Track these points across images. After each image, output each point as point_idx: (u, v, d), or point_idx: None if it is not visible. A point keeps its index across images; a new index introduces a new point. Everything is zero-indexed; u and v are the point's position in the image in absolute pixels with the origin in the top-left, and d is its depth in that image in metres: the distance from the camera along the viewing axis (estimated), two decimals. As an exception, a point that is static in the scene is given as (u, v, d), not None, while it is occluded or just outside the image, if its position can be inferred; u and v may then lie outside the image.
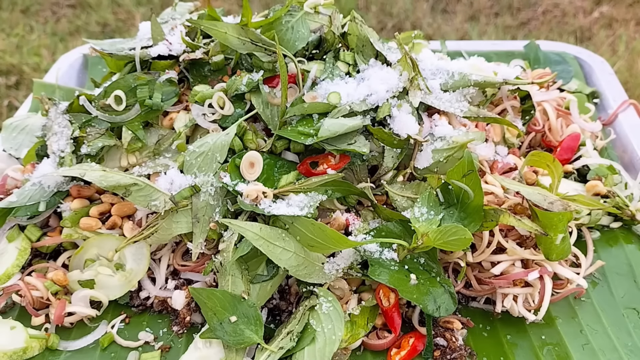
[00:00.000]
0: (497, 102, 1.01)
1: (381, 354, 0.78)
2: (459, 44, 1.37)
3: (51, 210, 0.88)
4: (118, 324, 0.82)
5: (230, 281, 0.76)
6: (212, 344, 0.75)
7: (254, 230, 0.73)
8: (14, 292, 0.83)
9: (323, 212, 0.83)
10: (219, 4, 2.51)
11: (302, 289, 0.79)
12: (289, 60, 0.86)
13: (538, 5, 2.55)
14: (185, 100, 0.92)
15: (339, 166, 0.81)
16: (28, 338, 0.78)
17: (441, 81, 0.90)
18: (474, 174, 0.73)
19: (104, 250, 0.85)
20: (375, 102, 0.84)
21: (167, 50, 0.94)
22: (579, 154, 1.03)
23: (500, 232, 0.82)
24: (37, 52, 2.22)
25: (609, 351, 0.78)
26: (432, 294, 0.74)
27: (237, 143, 0.83)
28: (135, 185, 0.80)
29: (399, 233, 0.78)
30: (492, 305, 0.83)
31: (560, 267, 0.82)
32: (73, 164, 0.87)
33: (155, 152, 0.90)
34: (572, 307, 0.84)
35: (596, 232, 0.95)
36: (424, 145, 0.84)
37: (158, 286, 0.85)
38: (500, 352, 0.78)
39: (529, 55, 1.33)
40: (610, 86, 1.24)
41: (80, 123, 0.90)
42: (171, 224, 0.80)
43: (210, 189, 0.80)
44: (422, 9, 2.51)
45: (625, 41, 2.29)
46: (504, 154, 0.95)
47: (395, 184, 0.84)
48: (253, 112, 0.86)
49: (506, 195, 0.84)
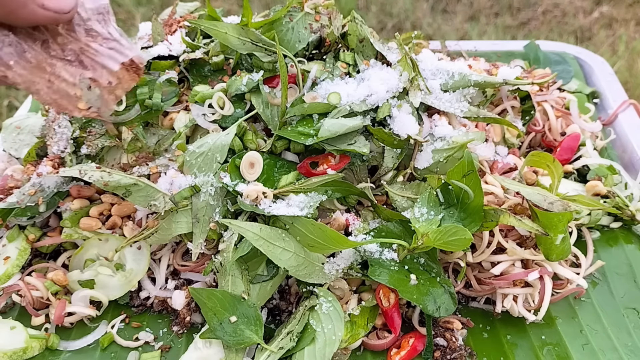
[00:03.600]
0: (497, 102, 1.01)
1: (381, 354, 0.78)
2: (459, 44, 1.37)
3: (51, 211, 0.89)
4: (118, 324, 0.83)
5: (230, 281, 0.76)
6: (212, 344, 0.76)
7: (254, 230, 0.73)
8: (14, 292, 0.83)
9: (323, 212, 0.83)
10: (219, 4, 2.51)
11: (302, 289, 0.79)
12: (289, 61, 0.86)
13: (538, 5, 2.55)
14: (185, 100, 0.92)
15: (339, 166, 0.81)
16: (28, 338, 0.78)
17: (441, 81, 0.90)
18: (474, 174, 0.73)
19: (104, 250, 0.85)
20: (375, 102, 0.84)
21: (167, 50, 0.94)
22: (579, 154, 1.03)
23: (500, 232, 0.82)
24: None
25: (609, 351, 0.78)
26: (432, 294, 0.74)
27: (237, 143, 0.83)
28: (136, 185, 0.80)
29: (399, 233, 0.78)
30: (492, 305, 0.83)
31: (560, 267, 0.82)
32: (73, 164, 0.87)
33: (155, 152, 0.90)
34: (572, 307, 0.84)
35: (596, 232, 0.95)
36: (424, 145, 0.84)
37: (158, 286, 0.85)
38: (500, 352, 0.78)
39: (529, 55, 1.33)
40: (610, 86, 1.24)
41: (80, 123, 0.90)
42: (171, 224, 0.80)
43: (210, 189, 0.80)
44: (422, 9, 2.51)
45: (625, 41, 2.29)
46: (504, 154, 0.95)
47: (395, 184, 0.84)
48: (253, 112, 0.86)
49: (506, 195, 0.84)
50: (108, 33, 0.51)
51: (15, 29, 0.48)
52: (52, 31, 0.49)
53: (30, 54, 0.48)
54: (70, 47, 0.49)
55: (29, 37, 0.48)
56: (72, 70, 0.49)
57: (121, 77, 0.52)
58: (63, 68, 0.49)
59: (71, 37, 0.49)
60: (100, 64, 0.50)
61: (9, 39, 0.47)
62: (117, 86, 0.52)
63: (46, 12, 0.46)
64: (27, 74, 0.48)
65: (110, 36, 0.51)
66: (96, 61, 0.50)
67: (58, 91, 0.49)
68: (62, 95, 0.50)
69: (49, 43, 0.49)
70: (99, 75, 0.50)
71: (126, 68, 0.52)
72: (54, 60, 0.49)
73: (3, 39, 0.47)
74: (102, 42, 0.51)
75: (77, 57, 0.49)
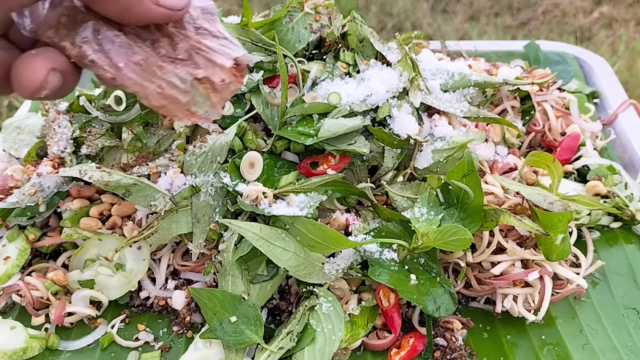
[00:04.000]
0: (497, 102, 1.01)
1: (381, 354, 0.78)
2: (459, 44, 1.37)
3: (51, 211, 0.89)
4: (118, 324, 0.83)
5: (230, 281, 0.76)
6: (212, 344, 0.75)
7: (254, 230, 0.73)
8: (14, 292, 0.83)
9: (323, 212, 0.83)
10: (219, 4, 2.51)
11: (302, 289, 0.79)
12: (289, 61, 0.86)
13: (538, 5, 2.55)
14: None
15: (339, 166, 0.81)
16: (28, 338, 0.78)
17: (441, 81, 0.90)
18: (474, 174, 0.73)
19: (104, 250, 0.85)
20: (375, 102, 0.84)
21: (167, 50, 0.94)
22: (579, 154, 1.03)
23: (500, 232, 0.82)
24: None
25: (609, 351, 0.78)
26: (432, 294, 0.74)
27: (237, 143, 0.83)
28: (136, 185, 0.80)
29: (399, 233, 0.78)
30: (492, 305, 0.83)
31: (560, 267, 0.82)
32: (73, 165, 0.87)
33: (155, 152, 0.90)
34: (572, 307, 0.84)
35: (596, 232, 0.95)
36: (424, 145, 0.84)
37: (158, 286, 0.85)
38: (500, 352, 0.78)
39: (529, 55, 1.33)
40: (610, 86, 1.24)
41: (80, 123, 0.90)
42: (171, 224, 0.80)
43: (210, 189, 0.80)
44: (422, 9, 2.51)
45: (625, 41, 2.29)
46: (504, 154, 0.95)
47: (395, 184, 0.84)
48: (253, 112, 0.86)
49: (506, 195, 0.84)
50: (217, 31, 0.49)
51: (125, 29, 0.46)
52: (161, 30, 0.47)
53: (141, 55, 0.46)
54: (181, 46, 0.47)
55: (138, 38, 0.46)
56: (182, 76, 0.47)
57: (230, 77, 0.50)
58: (173, 73, 0.47)
59: (182, 35, 0.47)
60: (213, 61, 0.48)
61: (119, 40, 0.45)
62: (225, 88, 0.50)
63: (160, 9, 0.44)
64: (136, 77, 0.46)
65: (219, 34, 0.49)
66: (209, 59, 0.48)
67: (168, 97, 0.47)
68: (171, 101, 0.47)
69: (158, 42, 0.47)
70: (212, 73, 0.48)
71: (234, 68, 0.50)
72: (165, 63, 0.47)
73: (114, 40, 0.45)
74: (212, 40, 0.49)
75: (190, 55, 0.48)
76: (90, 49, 0.45)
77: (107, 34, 0.45)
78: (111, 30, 0.45)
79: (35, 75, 0.43)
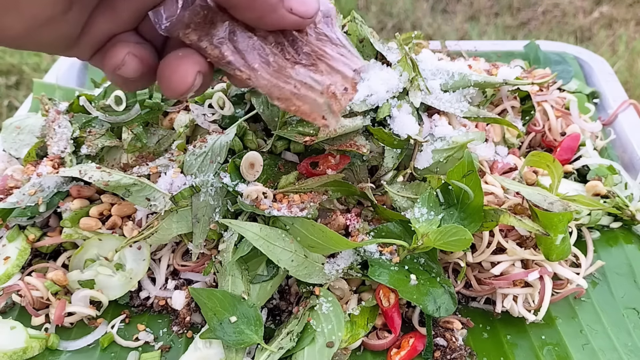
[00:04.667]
0: (497, 102, 1.01)
1: (381, 354, 0.78)
2: (459, 44, 1.37)
3: (51, 211, 0.89)
4: (118, 324, 0.83)
5: (230, 281, 0.76)
6: (212, 344, 0.76)
7: (254, 230, 0.73)
8: (14, 292, 0.83)
9: (323, 213, 0.83)
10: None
11: (302, 289, 0.79)
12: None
13: (538, 5, 2.55)
14: (185, 100, 0.92)
15: (339, 166, 0.81)
16: (28, 338, 0.78)
17: (441, 81, 0.90)
18: (474, 174, 0.73)
19: (104, 250, 0.85)
20: (375, 102, 0.84)
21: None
22: (579, 154, 1.03)
23: (500, 232, 0.82)
24: (37, 52, 2.22)
25: (609, 351, 0.78)
26: (432, 295, 0.74)
27: (237, 143, 0.83)
28: (136, 185, 0.80)
29: (399, 233, 0.78)
30: (492, 305, 0.83)
31: (560, 267, 0.82)
32: (73, 164, 0.87)
33: (155, 152, 0.90)
34: (572, 307, 0.84)
35: (596, 232, 0.95)
36: (424, 145, 0.84)
37: (158, 286, 0.85)
38: (500, 352, 0.78)
39: (529, 55, 1.33)
40: (610, 86, 1.24)
41: (80, 123, 0.90)
42: (171, 224, 0.80)
43: (210, 189, 0.80)
44: (422, 9, 2.51)
45: (625, 41, 2.29)
46: (504, 154, 0.95)
47: (395, 185, 0.84)
48: (253, 112, 0.86)
49: (506, 195, 0.84)
50: (337, 38, 0.50)
51: (256, 32, 0.47)
52: (286, 34, 0.48)
53: (272, 57, 0.47)
54: (304, 51, 0.48)
55: (267, 41, 0.47)
56: (317, 78, 0.47)
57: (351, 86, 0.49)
58: (307, 75, 0.47)
59: (304, 40, 0.48)
60: (335, 69, 0.48)
61: (252, 41, 0.46)
62: (345, 96, 0.49)
63: (293, 16, 0.45)
64: (270, 78, 0.46)
65: (338, 42, 0.50)
66: (331, 66, 0.48)
67: (303, 98, 0.47)
68: (306, 103, 0.47)
69: (284, 46, 0.47)
70: (335, 80, 0.48)
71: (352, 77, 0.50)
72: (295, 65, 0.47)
73: (247, 41, 0.46)
74: (332, 47, 0.49)
75: (313, 61, 0.48)
76: (228, 49, 0.45)
77: (242, 35, 0.46)
78: (245, 32, 0.46)
79: (185, 78, 0.45)
